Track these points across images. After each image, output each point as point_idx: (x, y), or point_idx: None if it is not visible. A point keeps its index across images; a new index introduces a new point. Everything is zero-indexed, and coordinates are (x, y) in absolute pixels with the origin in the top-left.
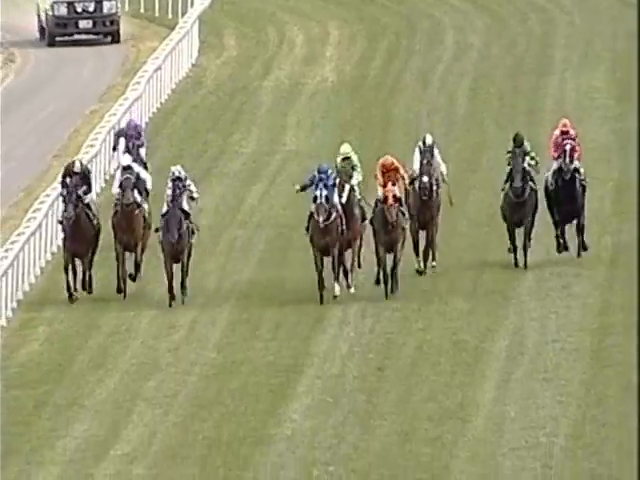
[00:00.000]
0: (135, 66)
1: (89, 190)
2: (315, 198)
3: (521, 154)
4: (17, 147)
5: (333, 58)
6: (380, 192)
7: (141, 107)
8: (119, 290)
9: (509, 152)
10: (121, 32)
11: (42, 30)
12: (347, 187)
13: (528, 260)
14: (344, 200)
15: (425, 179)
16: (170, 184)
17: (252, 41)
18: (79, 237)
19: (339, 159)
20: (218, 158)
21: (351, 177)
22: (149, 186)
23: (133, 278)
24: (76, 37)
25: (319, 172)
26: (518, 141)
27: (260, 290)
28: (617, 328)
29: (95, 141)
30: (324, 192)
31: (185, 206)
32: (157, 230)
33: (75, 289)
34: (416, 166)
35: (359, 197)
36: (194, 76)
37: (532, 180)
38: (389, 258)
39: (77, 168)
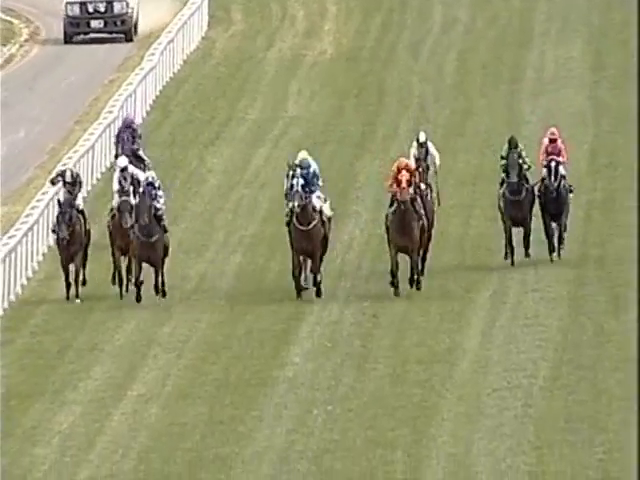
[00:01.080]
0: (150, 39)
1: (76, 197)
2: (292, 186)
3: (518, 155)
4: (42, 113)
5: (331, 32)
6: (394, 190)
7: (155, 76)
8: (121, 286)
9: (502, 158)
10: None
11: None
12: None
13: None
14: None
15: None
16: (141, 188)
17: (257, 16)
18: (73, 247)
19: (298, 168)
20: (226, 123)
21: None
22: (142, 178)
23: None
24: (91, 36)
25: (301, 167)
26: (513, 143)
27: (264, 244)
28: (591, 279)
29: (113, 108)
30: (300, 181)
31: (156, 210)
32: (131, 227)
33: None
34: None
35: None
36: (204, 48)
37: (527, 180)
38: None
39: (68, 177)
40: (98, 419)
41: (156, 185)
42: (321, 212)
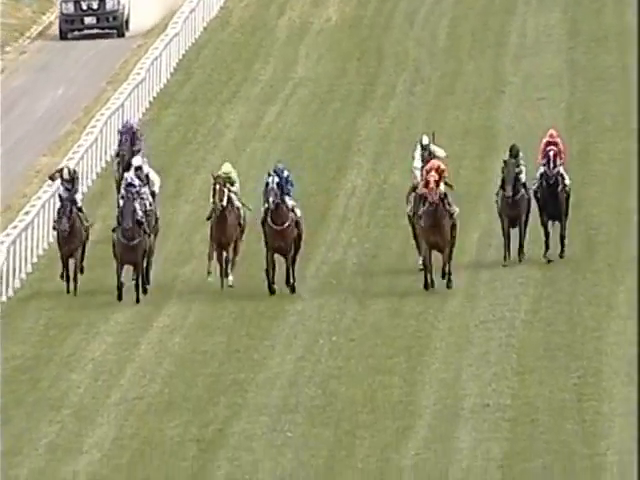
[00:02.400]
0: (173, 8)
1: (75, 192)
2: (267, 184)
3: (514, 165)
4: (78, 74)
5: (335, 1)
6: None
7: (179, 42)
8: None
9: (504, 162)
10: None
11: None
12: (226, 191)
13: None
14: (225, 203)
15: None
16: (123, 191)
17: None
18: (72, 240)
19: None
20: (241, 84)
21: (232, 185)
22: (157, 189)
23: (144, 289)
24: (85, 32)
25: (274, 172)
26: (514, 152)
27: None
28: (568, 222)
29: (141, 70)
30: (275, 179)
31: (139, 214)
32: (113, 230)
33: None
34: (417, 165)
35: (239, 204)
36: (222, 16)
37: (525, 187)
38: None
39: (66, 175)
40: (127, 348)
41: (136, 184)
42: (294, 211)
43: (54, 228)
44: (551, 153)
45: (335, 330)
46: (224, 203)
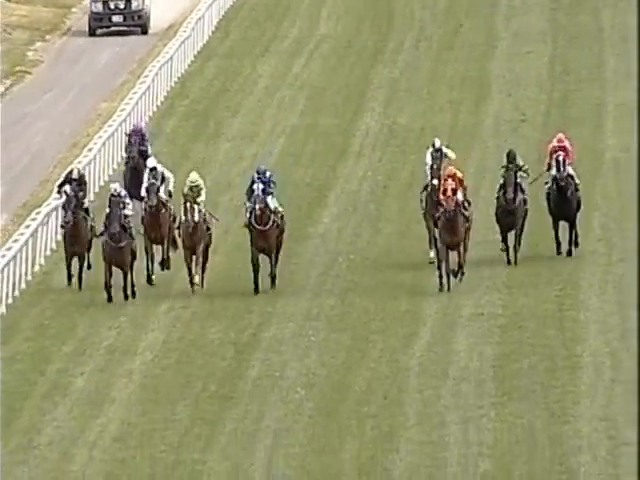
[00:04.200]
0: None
1: (85, 195)
2: (252, 191)
3: (513, 168)
4: (126, 40)
5: None
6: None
7: (219, 4)
8: (149, 280)
9: (503, 167)
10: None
11: None
12: (196, 207)
13: (518, 258)
14: (197, 218)
15: (435, 182)
16: (109, 201)
17: None
18: (77, 239)
19: (186, 188)
20: (272, 40)
21: (198, 195)
22: (171, 187)
23: (167, 267)
24: (112, 29)
25: (257, 173)
26: (511, 157)
27: (302, 132)
28: None
29: (187, 28)
30: (261, 186)
31: (125, 220)
32: (101, 234)
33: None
34: (429, 162)
35: (204, 213)
36: None
37: (522, 191)
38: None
39: (75, 175)
40: (174, 266)
41: (122, 195)
42: (276, 212)
43: (62, 227)
44: (560, 158)
45: (352, 250)
46: (196, 219)
